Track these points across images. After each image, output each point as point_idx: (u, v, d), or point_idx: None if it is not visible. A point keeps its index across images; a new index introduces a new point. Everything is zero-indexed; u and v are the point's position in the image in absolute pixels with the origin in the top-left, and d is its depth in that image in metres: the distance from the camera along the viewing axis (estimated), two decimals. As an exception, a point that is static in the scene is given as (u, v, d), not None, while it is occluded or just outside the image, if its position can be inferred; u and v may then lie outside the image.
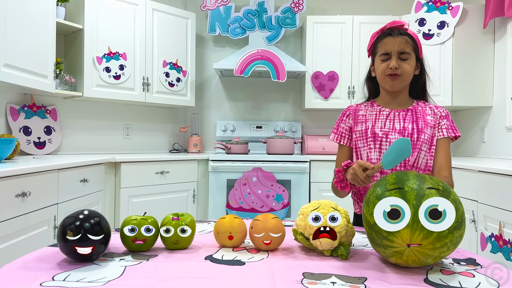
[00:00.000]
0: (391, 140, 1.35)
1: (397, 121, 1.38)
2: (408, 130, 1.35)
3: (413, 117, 1.38)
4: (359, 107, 1.47)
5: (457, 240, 0.83)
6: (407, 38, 1.34)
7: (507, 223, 2.03)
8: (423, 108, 1.41)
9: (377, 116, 1.41)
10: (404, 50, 1.33)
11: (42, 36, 2.45)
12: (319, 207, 0.97)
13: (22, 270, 0.84)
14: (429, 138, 1.36)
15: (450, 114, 1.43)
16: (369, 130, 1.39)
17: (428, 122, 1.37)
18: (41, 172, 1.94)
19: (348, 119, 1.47)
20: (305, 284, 0.77)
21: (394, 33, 1.34)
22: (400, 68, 1.32)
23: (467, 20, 3.24)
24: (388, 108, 1.42)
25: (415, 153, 1.34)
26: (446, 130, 1.38)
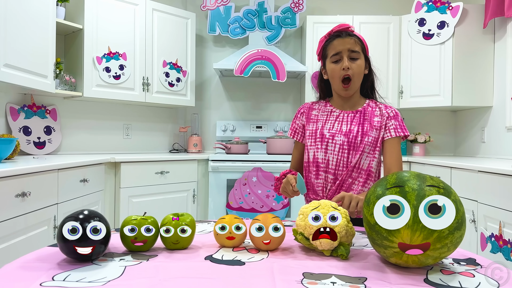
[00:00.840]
0: (337, 142, 1.42)
1: (345, 123, 1.45)
2: (353, 133, 1.42)
3: (360, 119, 1.45)
4: (313, 106, 1.55)
5: (457, 241, 0.83)
6: (355, 39, 1.41)
7: (507, 223, 2.03)
8: (373, 109, 1.47)
9: (327, 117, 1.49)
10: (354, 49, 1.39)
11: (42, 36, 2.45)
12: (319, 207, 0.97)
13: (22, 270, 0.84)
14: (373, 141, 1.42)
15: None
16: (318, 131, 1.46)
17: (374, 125, 1.43)
18: (41, 172, 1.94)
19: (302, 116, 1.55)
20: (305, 284, 0.77)
21: (342, 34, 1.41)
22: (351, 69, 1.39)
23: (467, 20, 3.24)
24: (340, 109, 1.49)
25: (357, 155, 1.41)
26: (394, 130, 1.43)
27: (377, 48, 3.56)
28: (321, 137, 1.45)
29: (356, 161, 1.41)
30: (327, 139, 1.43)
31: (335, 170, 1.43)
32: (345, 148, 1.42)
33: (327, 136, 1.44)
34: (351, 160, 1.41)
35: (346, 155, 1.42)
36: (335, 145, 1.42)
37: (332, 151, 1.43)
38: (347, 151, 1.42)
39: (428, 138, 3.64)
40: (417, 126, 3.91)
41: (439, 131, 3.90)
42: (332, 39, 1.42)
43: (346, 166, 1.42)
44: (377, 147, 1.43)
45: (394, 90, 3.57)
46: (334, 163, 1.43)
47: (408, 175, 0.87)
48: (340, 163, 1.42)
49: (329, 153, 1.43)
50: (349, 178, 1.42)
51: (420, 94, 3.45)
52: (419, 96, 3.45)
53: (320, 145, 1.44)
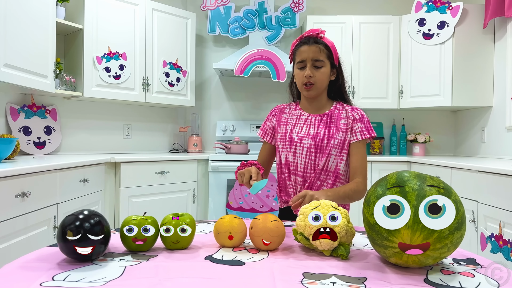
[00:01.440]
0: (304, 145, 1.46)
1: (313, 126, 1.48)
2: (319, 136, 1.46)
3: (327, 122, 1.48)
4: (284, 108, 1.58)
5: (457, 241, 0.83)
6: (321, 47, 1.43)
7: (507, 223, 2.03)
8: (340, 112, 1.50)
9: (297, 120, 1.52)
10: (317, 58, 1.42)
11: (42, 36, 2.45)
12: (319, 207, 0.97)
13: (22, 270, 0.84)
14: (340, 143, 1.45)
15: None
16: (288, 134, 1.50)
17: (340, 127, 1.46)
18: (41, 172, 1.94)
19: (273, 118, 1.58)
20: (305, 284, 0.77)
21: (309, 41, 1.43)
22: (314, 77, 1.42)
23: (467, 20, 3.24)
24: (308, 112, 1.53)
25: (324, 158, 1.44)
26: (360, 133, 1.46)
27: (377, 48, 3.56)
28: (290, 140, 1.49)
29: (324, 164, 1.44)
30: (295, 143, 1.47)
31: (303, 173, 1.47)
32: (312, 151, 1.45)
33: (296, 140, 1.47)
34: (318, 163, 1.45)
35: (313, 158, 1.45)
36: (302, 148, 1.46)
37: (300, 154, 1.46)
38: (314, 154, 1.45)
39: (428, 138, 3.64)
40: (417, 126, 3.91)
41: (439, 131, 3.90)
42: (300, 45, 1.45)
43: (314, 168, 1.45)
44: (344, 149, 1.46)
45: (394, 90, 3.57)
46: (303, 166, 1.46)
47: (408, 175, 0.87)
48: (308, 165, 1.46)
49: (297, 156, 1.47)
50: (317, 180, 1.46)
51: (420, 94, 3.45)
52: (419, 96, 3.45)
53: (289, 148, 1.48)
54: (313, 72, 1.42)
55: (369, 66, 3.56)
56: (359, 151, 1.45)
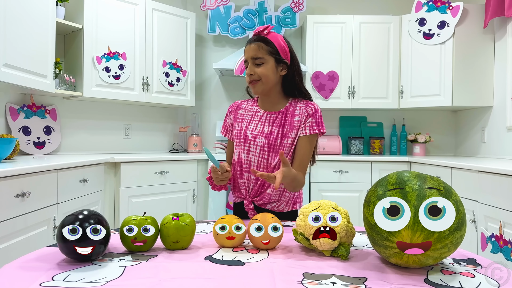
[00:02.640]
0: (258, 143, 1.46)
1: (267, 124, 1.48)
2: (273, 135, 1.45)
3: (281, 121, 1.47)
4: (241, 104, 1.59)
5: (457, 241, 0.82)
6: (261, 44, 1.42)
7: (507, 223, 2.03)
8: (294, 109, 1.49)
9: (252, 117, 1.52)
10: (256, 56, 1.43)
11: (42, 36, 2.45)
12: (319, 207, 0.97)
13: (21, 270, 0.84)
14: (293, 141, 1.46)
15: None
16: (242, 132, 1.50)
17: (295, 125, 1.46)
18: (41, 172, 1.94)
19: (230, 115, 1.59)
20: (305, 284, 0.77)
21: (251, 41, 1.45)
22: (255, 74, 1.43)
23: (468, 20, 3.24)
24: (264, 109, 1.52)
25: (277, 157, 1.44)
26: (310, 127, 1.45)
27: (377, 48, 3.56)
28: (244, 138, 1.49)
29: (276, 163, 1.45)
30: (249, 141, 1.47)
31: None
32: (265, 150, 1.45)
33: (250, 138, 1.47)
34: (271, 162, 1.45)
35: (267, 156, 1.45)
36: (256, 146, 1.46)
37: (254, 152, 1.47)
38: (267, 153, 1.45)
39: (429, 138, 3.64)
40: (417, 126, 3.91)
41: (440, 131, 3.90)
42: (246, 45, 1.48)
43: (266, 167, 1.46)
44: (294, 145, 1.46)
45: (394, 90, 3.56)
46: (256, 164, 1.47)
47: (409, 175, 0.87)
48: (261, 164, 1.46)
49: (251, 155, 1.47)
50: None
51: (420, 94, 3.45)
52: (420, 96, 3.45)
53: (243, 146, 1.48)
54: (254, 69, 1.43)
55: (369, 66, 3.56)
56: (305, 146, 1.45)
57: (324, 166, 3.30)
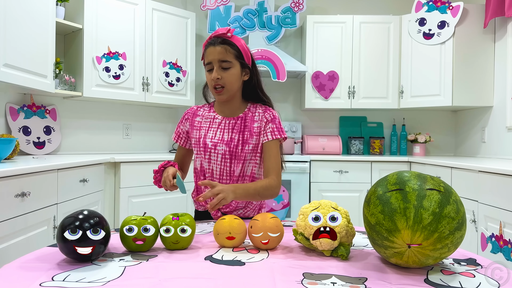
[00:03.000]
0: (219, 152, 1.42)
1: (226, 131, 1.44)
2: (234, 142, 1.42)
3: (241, 127, 1.44)
4: (198, 111, 1.53)
5: (458, 241, 0.82)
6: (227, 47, 1.37)
7: (507, 223, 2.03)
8: (253, 114, 1.46)
9: (210, 124, 1.48)
10: (224, 59, 1.36)
11: (42, 36, 2.45)
12: (319, 207, 0.97)
13: (21, 270, 0.84)
14: (254, 147, 1.43)
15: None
16: (201, 140, 1.46)
17: (254, 131, 1.43)
18: (41, 172, 1.94)
19: (186, 122, 1.53)
20: (305, 284, 0.77)
21: (215, 43, 1.37)
22: (222, 79, 1.37)
23: (468, 20, 3.24)
24: (222, 115, 1.48)
25: (239, 164, 1.42)
26: (271, 133, 1.43)
27: (377, 48, 3.56)
28: (204, 146, 1.45)
29: (240, 170, 1.42)
30: (209, 149, 1.43)
31: (219, 180, 1.44)
32: (227, 158, 1.42)
33: (210, 146, 1.43)
34: (234, 170, 1.42)
35: (229, 164, 1.42)
36: (217, 155, 1.43)
37: (215, 161, 1.43)
38: (229, 160, 1.42)
39: (429, 138, 3.64)
40: (417, 126, 3.91)
41: (440, 131, 3.90)
42: (207, 46, 1.39)
43: (230, 175, 1.43)
44: (258, 152, 1.44)
45: (394, 90, 3.56)
46: (218, 172, 1.44)
47: (409, 175, 0.87)
48: (224, 172, 1.43)
49: (212, 163, 1.44)
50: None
51: (420, 94, 3.45)
52: (420, 96, 3.45)
53: (204, 154, 1.45)
54: (220, 73, 1.37)
55: (369, 66, 3.56)
56: (272, 151, 1.42)
57: (324, 166, 3.30)
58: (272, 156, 1.41)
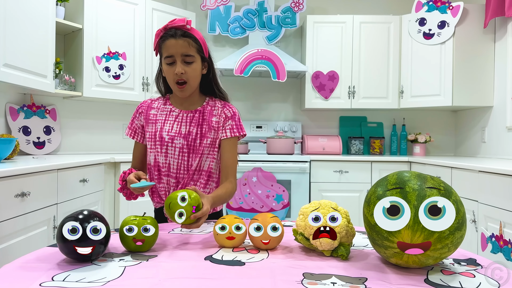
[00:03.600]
0: (176, 145, 1.38)
1: (184, 124, 1.40)
2: (192, 135, 1.39)
3: (199, 120, 1.41)
4: (152, 104, 1.47)
5: (458, 241, 0.82)
6: (190, 40, 1.33)
7: (507, 223, 2.03)
8: (212, 108, 1.44)
9: (166, 117, 1.42)
10: (187, 53, 1.32)
11: (42, 36, 2.45)
12: (319, 207, 0.97)
13: (21, 270, 0.84)
14: (212, 142, 1.40)
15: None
16: (157, 133, 1.40)
17: (213, 125, 1.41)
18: (41, 172, 1.94)
19: (140, 116, 1.47)
20: (305, 284, 0.77)
21: (176, 35, 1.31)
22: (186, 74, 1.33)
23: (468, 20, 3.24)
24: (179, 108, 1.44)
25: (197, 158, 1.39)
26: (230, 130, 1.42)
27: (377, 48, 3.56)
28: (160, 140, 1.39)
29: (197, 164, 1.39)
30: (166, 142, 1.39)
31: (176, 174, 1.40)
32: (185, 151, 1.39)
33: (166, 140, 1.39)
34: (192, 163, 1.39)
35: (187, 158, 1.39)
36: (174, 148, 1.39)
37: (173, 155, 1.39)
38: (187, 154, 1.39)
39: (429, 138, 3.64)
40: (417, 126, 3.91)
41: (440, 131, 3.89)
42: (166, 37, 1.32)
43: (187, 169, 1.39)
44: (216, 148, 1.42)
45: (394, 90, 3.56)
46: (175, 167, 1.40)
47: (409, 175, 0.87)
48: (181, 166, 1.40)
49: (169, 157, 1.39)
50: (191, 181, 1.40)
51: (420, 94, 3.44)
52: (420, 96, 3.45)
53: (160, 148, 1.39)
54: (184, 68, 1.32)
55: (369, 66, 3.56)
56: (230, 149, 1.41)
57: (324, 166, 3.30)
58: (230, 155, 1.40)
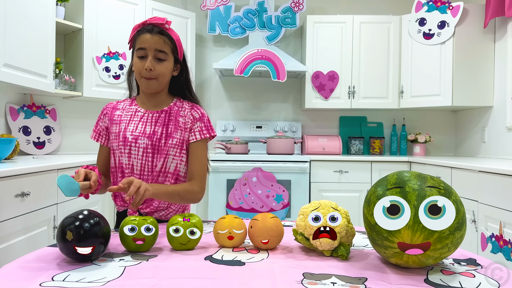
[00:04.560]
0: (140, 145, 1.34)
1: (149, 124, 1.37)
2: (157, 135, 1.35)
3: (165, 120, 1.37)
4: (118, 105, 1.44)
5: (458, 241, 0.82)
6: (165, 38, 1.32)
7: (507, 223, 2.03)
8: (179, 109, 1.40)
9: (131, 117, 1.39)
10: (161, 49, 1.31)
11: (42, 36, 2.45)
12: (319, 207, 0.97)
13: (21, 270, 0.84)
14: (178, 142, 1.36)
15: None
16: (121, 133, 1.36)
17: (180, 125, 1.37)
18: (41, 172, 1.94)
19: (105, 117, 1.43)
20: (305, 284, 0.77)
21: (153, 31, 1.31)
22: (155, 71, 1.31)
23: (468, 20, 3.24)
24: (145, 108, 1.40)
25: (162, 158, 1.34)
26: (200, 132, 1.38)
27: (377, 48, 3.56)
28: (123, 140, 1.35)
29: (162, 165, 1.34)
30: (130, 143, 1.34)
31: (140, 176, 1.35)
32: (149, 152, 1.34)
33: (130, 140, 1.34)
34: (156, 164, 1.34)
35: (151, 159, 1.34)
36: (138, 149, 1.34)
37: (136, 155, 1.34)
38: (151, 154, 1.34)
39: (429, 138, 3.64)
40: (417, 126, 3.91)
41: (440, 131, 3.90)
42: (142, 32, 1.32)
43: (151, 170, 1.35)
44: (184, 149, 1.38)
45: (394, 90, 3.56)
46: (139, 168, 1.35)
47: (409, 175, 0.87)
48: (145, 167, 1.35)
49: (132, 158, 1.34)
50: (155, 183, 1.35)
51: (420, 94, 3.44)
52: (420, 96, 3.45)
53: (123, 149, 1.35)
54: (154, 64, 1.30)
55: (369, 66, 3.56)
56: (199, 152, 1.38)
57: (324, 166, 3.30)
58: (198, 159, 1.37)
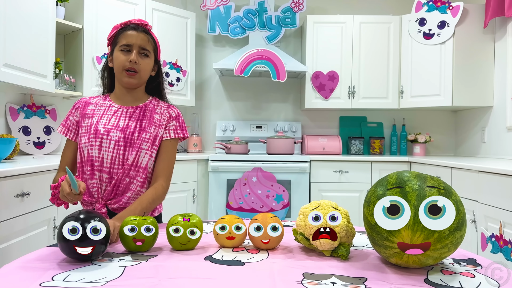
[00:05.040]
0: (112, 138, 1.34)
1: (123, 119, 1.38)
2: (130, 128, 1.36)
3: (139, 115, 1.39)
4: (90, 100, 1.44)
5: (458, 241, 0.82)
6: (149, 37, 1.39)
7: (507, 223, 2.03)
8: (155, 107, 1.43)
9: (105, 111, 1.39)
10: (145, 47, 1.37)
11: (42, 36, 2.45)
12: (319, 207, 0.97)
13: (21, 270, 0.84)
14: (151, 137, 1.37)
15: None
16: (93, 126, 1.36)
17: (154, 121, 1.39)
18: (41, 172, 1.94)
19: (77, 112, 1.42)
20: (305, 284, 0.77)
21: (138, 29, 1.37)
22: (139, 64, 1.35)
23: (468, 20, 3.24)
24: (119, 104, 1.42)
25: (134, 152, 1.34)
26: (174, 131, 1.41)
27: (377, 48, 3.56)
28: (95, 133, 1.34)
29: (133, 159, 1.34)
30: (101, 135, 1.33)
31: (110, 169, 1.33)
32: (121, 144, 1.34)
33: (102, 132, 1.34)
34: (128, 158, 1.34)
35: (122, 152, 1.34)
36: (110, 141, 1.33)
37: (107, 148, 1.33)
38: (123, 147, 1.34)
39: (429, 138, 3.64)
40: (417, 126, 3.91)
41: (440, 131, 3.90)
42: (126, 29, 1.37)
43: (122, 164, 1.34)
44: (155, 145, 1.38)
45: (394, 90, 3.56)
46: (109, 161, 1.33)
47: (409, 175, 0.87)
48: (116, 160, 1.34)
49: (103, 150, 1.33)
50: (126, 177, 1.34)
51: (420, 94, 3.44)
52: (420, 96, 3.45)
53: (94, 141, 1.33)
54: (138, 59, 1.34)
55: (369, 66, 3.56)
56: (169, 150, 1.39)
57: (324, 166, 3.30)
58: (167, 157, 1.39)
